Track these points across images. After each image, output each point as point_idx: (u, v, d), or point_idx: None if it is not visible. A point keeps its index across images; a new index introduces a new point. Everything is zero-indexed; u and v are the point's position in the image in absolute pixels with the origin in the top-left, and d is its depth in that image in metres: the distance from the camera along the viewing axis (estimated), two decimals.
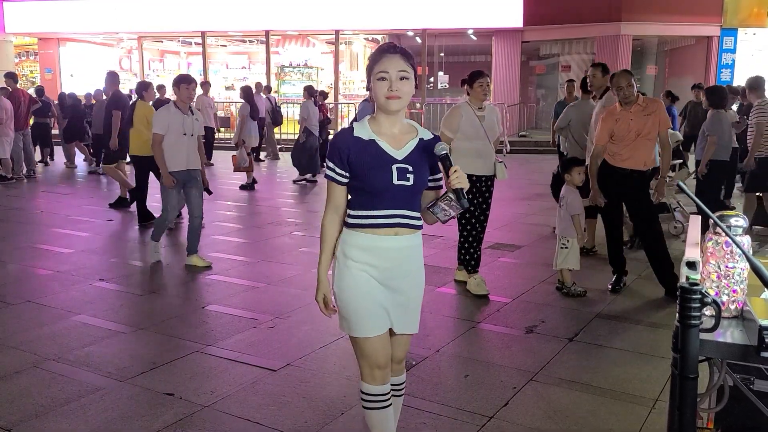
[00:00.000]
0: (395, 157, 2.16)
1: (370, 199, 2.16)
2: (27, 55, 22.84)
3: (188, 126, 5.52)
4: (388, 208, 2.16)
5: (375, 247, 2.18)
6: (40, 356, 3.69)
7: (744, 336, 1.21)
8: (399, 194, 2.15)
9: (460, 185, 2.05)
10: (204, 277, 5.33)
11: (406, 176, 2.14)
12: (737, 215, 1.31)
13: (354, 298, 2.20)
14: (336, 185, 2.22)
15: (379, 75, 2.12)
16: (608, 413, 3.07)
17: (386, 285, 2.22)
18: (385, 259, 2.19)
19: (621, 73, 4.78)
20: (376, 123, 2.22)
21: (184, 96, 5.51)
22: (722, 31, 16.63)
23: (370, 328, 2.22)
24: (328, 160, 2.21)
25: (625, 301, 4.76)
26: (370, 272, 2.20)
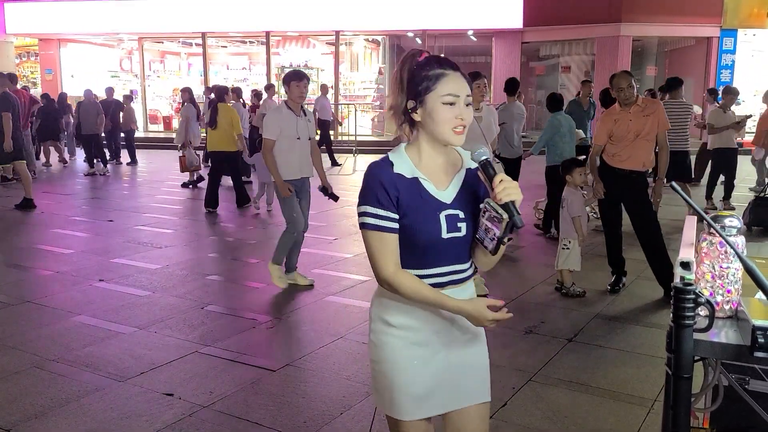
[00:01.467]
0: (443, 201, 1.70)
1: (413, 256, 1.70)
2: (28, 56, 22.86)
3: (302, 129, 4.95)
4: (435, 266, 1.72)
5: (419, 309, 1.74)
6: (40, 356, 3.70)
7: (738, 336, 1.21)
8: (448, 249, 1.71)
9: (510, 197, 1.57)
10: (203, 277, 5.34)
11: (457, 226, 1.69)
12: (731, 216, 1.32)
13: (393, 373, 1.76)
14: (386, 235, 1.67)
15: (445, 98, 1.65)
16: (607, 413, 3.08)
17: (439, 351, 1.77)
18: (431, 320, 1.75)
19: (621, 74, 4.80)
20: (416, 152, 1.73)
21: (295, 95, 4.86)
22: (722, 32, 16.64)
23: (410, 410, 1.77)
24: (367, 206, 1.67)
25: (624, 302, 4.77)
26: (415, 339, 1.75)
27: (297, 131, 4.92)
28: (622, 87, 4.68)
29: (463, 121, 1.66)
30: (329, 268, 5.73)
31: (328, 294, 4.95)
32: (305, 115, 5.02)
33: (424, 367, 1.75)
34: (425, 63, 1.70)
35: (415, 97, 1.68)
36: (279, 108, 5.04)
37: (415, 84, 1.68)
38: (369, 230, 1.68)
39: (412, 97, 1.69)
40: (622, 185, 4.84)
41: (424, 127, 1.69)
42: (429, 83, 1.66)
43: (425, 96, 1.67)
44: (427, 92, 1.66)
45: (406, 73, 1.71)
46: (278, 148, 4.88)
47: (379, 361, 1.79)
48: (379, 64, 21.32)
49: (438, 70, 1.68)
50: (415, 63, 1.71)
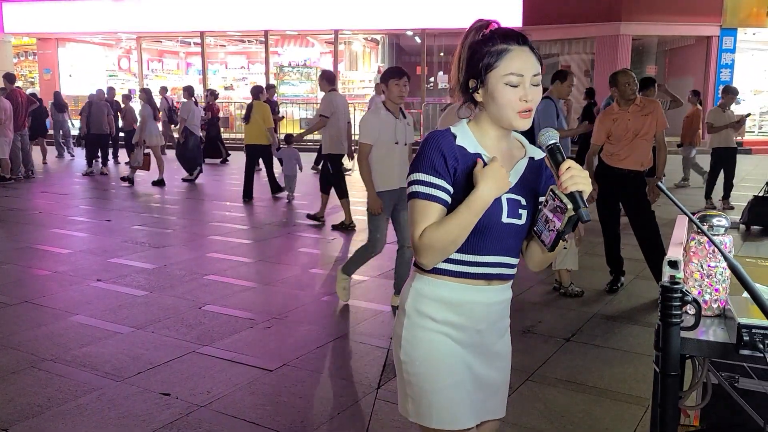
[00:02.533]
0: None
1: (469, 239, 1.52)
2: (26, 56, 22.88)
3: (400, 133, 4.42)
4: (489, 254, 1.55)
5: (464, 301, 1.57)
6: (38, 356, 3.70)
7: (725, 334, 1.22)
8: (506, 236, 1.56)
9: (576, 187, 1.41)
10: (201, 277, 5.35)
11: (518, 212, 1.56)
12: (719, 215, 1.32)
13: (434, 375, 1.57)
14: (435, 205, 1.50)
15: (509, 78, 1.49)
16: (604, 413, 3.08)
17: (479, 355, 1.62)
18: (477, 318, 1.59)
19: (625, 71, 4.86)
20: (480, 132, 1.58)
21: (394, 94, 4.35)
22: (722, 31, 16.65)
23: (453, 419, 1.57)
24: (419, 173, 1.52)
25: (622, 302, 4.77)
26: (458, 338, 1.58)
27: (396, 135, 4.40)
28: (629, 82, 4.74)
29: (529, 103, 1.50)
30: (327, 268, 5.73)
31: (326, 293, 4.95)
32: (404, 117, 4.52)
33: (468, 370, 1.59)
34: (489, 37, 1.55)
35: (476, 76, 1.53)
36: (377, 109, 4.48)
37: (476, 60, 1.53)
38: (419, 200, 1.50)
39: (474, 75, 1.53)
40: (621, 185, 4.85)
41: (487, 109, 1.55)
42: (491, 60, 1.50)
43: (486, 75, 1.51)
44: (489, 70, 1.50)
45: (466, 48, 1.57)
46: (375, 155, 4.37)
47: (413, 361, 1.57)
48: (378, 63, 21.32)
49: (501, 45, 1.51)
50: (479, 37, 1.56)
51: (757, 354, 1.13)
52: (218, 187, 10.90)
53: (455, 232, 1.46)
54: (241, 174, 9.63)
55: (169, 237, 6.93)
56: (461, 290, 1.56)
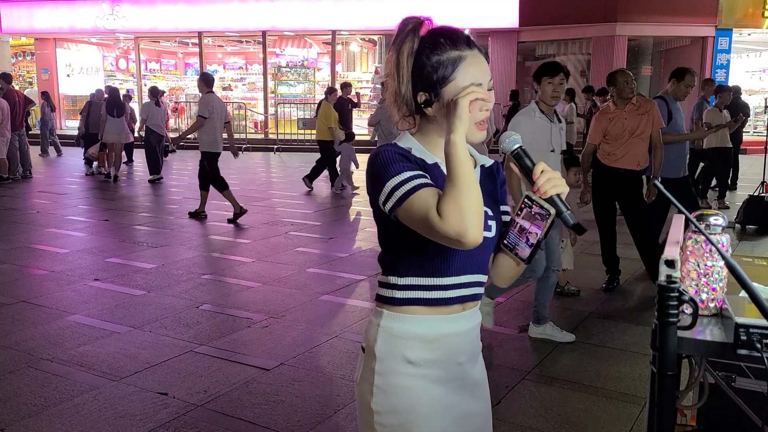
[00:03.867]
0: None
1: (434, 260, 1.37)
2: (23, 56, 22.82)
3: (556, 139, 3.88)
4: (463, 273, 1.39)
5: (441, 335, 1.39)
6: (34, 356, 3.70)
7: (722, 333, 1.23)
8: (477, 252, 1.35)
9: (555, 190, 1.28)
10: (199, 276, 5.34)
11: (487, 224, 1.37)
12: (716, 214, 1.33)
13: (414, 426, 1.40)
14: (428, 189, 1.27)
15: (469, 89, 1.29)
16: (600, 412, 3.09)
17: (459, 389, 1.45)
18: (456, 350, 1.42)
19: (623, 71, 4.91)
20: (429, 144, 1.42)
21: (547, 94, 3.79)
22: (717, 31, 16.70)
23: None
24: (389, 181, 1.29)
25: (618, 301, 4.79)
26: (437, 376, 1.41)
27: (551, 141, 3.83)
28: (627, 80, 4.77)
29: (487, 112, 1.35)
30: (324, 267, 5.74)
31: (323, 293, 4.95)
32: (559, 121, 3.94)
33: (448, 413, 1.41)
34: (435, 43, 1.36)
35: (428, 90, 1.34)
36: (529, 110, 3.87)
37: (427, 72, 1.34)
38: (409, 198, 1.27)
39: (424, 88, 1.35)
40: (617, 184, 4.86)
41: (440, 122, 1.36)
42: (445, 72, 1.33)
43: (442, 89, 1.33)
44: (444, 84, 1.33)
45: (406, 55, 1.37)
46: None
47: (390, 411, 1.39)
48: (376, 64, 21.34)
49: (453, 53, 1.34)
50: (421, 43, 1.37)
51: (755, 353, 1.13)
52: None
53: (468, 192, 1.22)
54: None
55: (167, 236, 6.92)
56: (435, 322, 1.39)
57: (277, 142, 17.27)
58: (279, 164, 14.66)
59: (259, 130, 19.77)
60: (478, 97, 1.28)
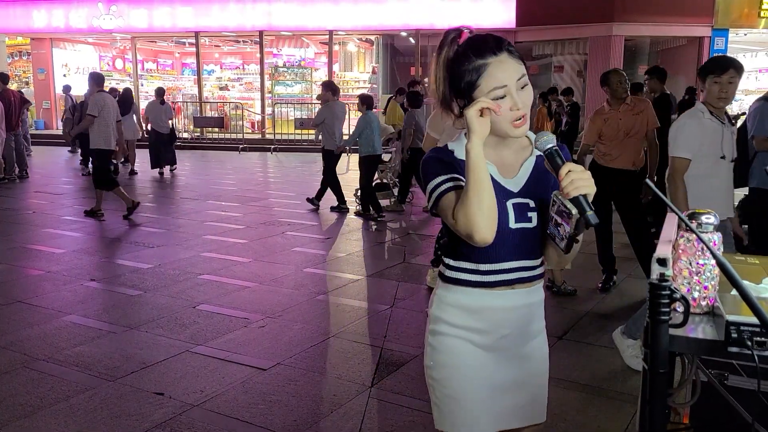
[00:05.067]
0: (510, 189, 1.54)
1: (480, 249, 1.51)
2: (20, 56, 22.76)
3: (727, 143, 3.37)
4: (503, 261, 1.54)
5: (484, 308, 1.57)
6: (30, 356, 3.69)
7: (714, 331, 1.23)
8: (518, 241, 1.54)
9: (579, 191, 1.37)
10: (196, 276, 5.34)
11: (526, 215, 1.53)
12: (708, 213, 1.34)
13: (456, 381, 1.57)
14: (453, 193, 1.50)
15: (493, 93, 1.46)
16: (596, 411, 3.09)
17: (501, 359, 1.60)
18: (497, 322, 1.58)
19: (617, 71, 4.91)
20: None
21: (713, 95, 3.30)
22: (713, 31, 16.73)
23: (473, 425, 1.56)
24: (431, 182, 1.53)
25: (614, 300, 4.80)
26: (477, 341, 1.58)
27: (722, 147, 3.34)
28: (621, 81, 4.79)
29: (521, 110, 1.47)
30: (321, 267, 5.74)
31: (320, 293, 4.95)
32: (731, 123, 3.48)
33: (490, 376, 1.57)
34: (463, 54, 1.50)
35: (462, 96, 1.51)
36: (695, 112, 3.39)
37: (458, 81, 1.50)
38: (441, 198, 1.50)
39: (459, 95, 1.52)
40: (613, 184, 4.87)
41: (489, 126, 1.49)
42: (471, 79, 1.48)
43: (471, 94, 1.49)
44: (473, 90, 1.48)
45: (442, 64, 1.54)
46: (693, 173, 3.35)
47: (436, 366, 1.59)
48: (373, 64, 21.33)
49: (478, 62, 1.47)
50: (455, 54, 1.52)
51: (745, 351, 1.14)
52: (213, 187, 10.87)
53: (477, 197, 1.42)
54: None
55: (163, 236, 6.91)
56: (480, 296, 1.56)
57: (274, 142, 17.25)
58: (276, 164, 14.65)
59: (256, 130, 19.76)
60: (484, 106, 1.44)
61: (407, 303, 4.69)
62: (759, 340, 1.13)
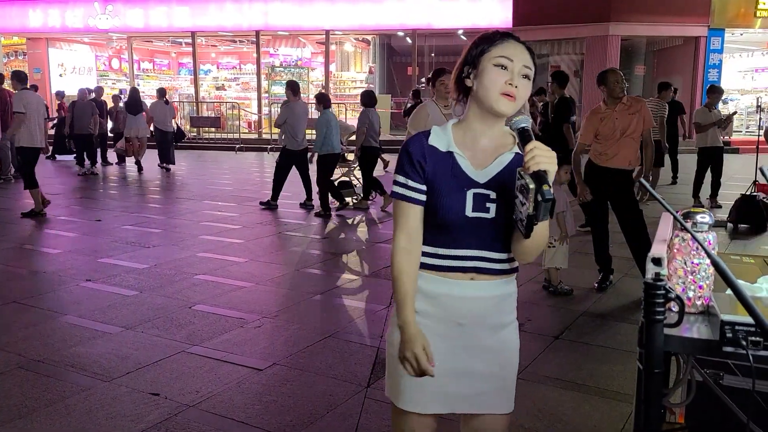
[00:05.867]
0: (475, 180, 1.60)
1: (438, 233, 1.62)
2: (15, 55, 22.69)
3: None
4: (459, 247, 1.61)
5: (441, 294, 1.63)
6: (26, 357, 3.68)
7: (709, 331, 1.23)
8: (475, 230, 1.60)
9: (538, 166, 1.42)
10: (192, 277, 5.33)
11: (485, 206, 1.59)
12: (703, 212, 1.34)
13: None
14: (410, 205, 1.62)
15: (498, 60, 1.56)
16: (593, 410, 3.09)
17: (457, 347, 1.65)
18: (455, 311, 1.64)
19: (614, 71, 4.91)
20: (462, 130, 1.65)
21: None
22: (710, 31, 16.77)
23: (416, 402, 1.68)
24: (397, 174, 1.65)
25: (610, 300, 4.80)
26: (433, 327, 1.64)
27: None
28: (618, 80, 4.77)
29: (515, 89, 1.55)
30: (317, 267, 5.73)
31: (316, 293, 4.95)
32: None
33: (439, 360, 1.61)
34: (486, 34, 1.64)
35: (470, 63, 1.62)
36: None
37: (471, 51, 1.62)
38: (395, 198, 1.65)
39: (467, 63, 1.63)
40: (609, 184, 4.87)
41: (475, 95, 1.61)
42: (485, 46, 1.60)
43: (479, 59, 1.59)
44: (482, 55, 1.59)
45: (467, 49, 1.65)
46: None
47: (394, 343, 1.67)
48: (370, 63, 21.34)
49: (497, 37, 1.61)
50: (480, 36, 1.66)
51: (740, 351, 1.14)
52: (209, 187, 10.85)
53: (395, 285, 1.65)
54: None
55: (160, 237, 6.89)
56: (438, 283, 1.64)
57: (270, 141, 17.23)
58: (273, 164, 14.61)
59: (253, 130, 19.74)
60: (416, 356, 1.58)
61: None
62: (754, 339, 1.13)
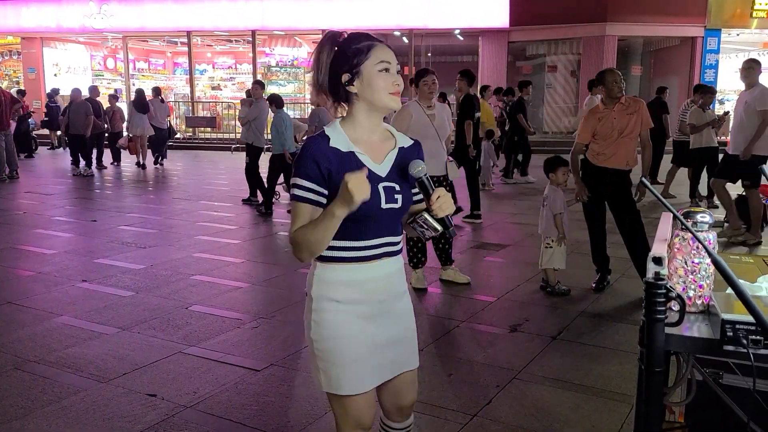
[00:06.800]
0: (379, 174, 1.76)
1: (355, 228, 1.74)
2: (10, 55, 22.61)
3: None
4: (374, 237, 1.79)
5: (361, 280, 1.80)
6: (21, 358, 3.66)
7: (709, 330, 1.23)
8: (385, 220, 1.79)
9: (443, 213, 1.69)
10: (188, 277, 5.31)
11: (394, 197, 1.76)
12: (703, 212, 1.33)
13: (339, 350, 1.80)
14: (308, 206, 1.74)
15: (381, 65, 1.73)
16: (590, 410, 3.09)
17: (379, 322, 1.84)
18: (374, 291, 1.82)
19: (612, 71, 4.90)
20: (353, 128, 1.80)
21: None
22: (706, 31, 16.82)
23: (358, 384, 1.82)
24: (297, 178, 1.74)
25: (608, 300, 4.80)
26: (360, 312, 1.81)
27: None
28: (616, 80, 4.77)
29: (399, 86, 1.76)
30: None
31: None
32: None
33: (369, 340, 1.81)
34: (352, 38, 1.80)
35: (350, 70, 1.75)
36: None
37: (347, 58, 1.75)
38: (295, 201, 1.76)
39: (347, 70, 1.75)
40: (606, 184, 4.87)
41: (362, 98, 1.76)
42: (361, 54, 1.74)
43: (360, 66, 1.74)
44: (362, 63, 1.74)
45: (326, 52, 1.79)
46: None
47: (322, 339, 1.81)
48: None
49: (367, 42, 1.77)
50: (340, 41, 1.80)
51: (741, 350, 1.14)
52: (205, 187, 10.83)
53: (320, 234, 1.69)
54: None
55: (156, 237, 6.87)
56: (358, 271, 1.79)
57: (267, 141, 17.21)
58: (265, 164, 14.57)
59: None
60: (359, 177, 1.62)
61: None
62: (754, 338, 1.13)
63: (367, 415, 1.88)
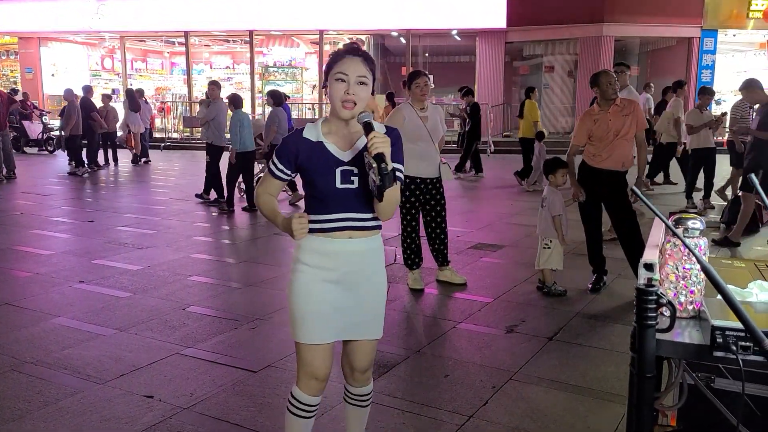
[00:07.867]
0: (341, 159, 2.09)
1: (320, 204, 2.13)
2: (7, 55, 22.56)
3: None
4: (333, 212, 2.11)
5: (329, 251, 2.13)
6: (18, 359, 3.66)
7: (700, 336, 1.24)
8: (344, 198, 2.10)
9: (377, 150, 1.92)
10: (185, 278, 5.32)
11: (350, 179, 2.08)
12: (695, 218, 1.34)
13: (302, 302, 2.15)
14: (273, 178, 2.22)
15: (337, 75, 2.04)
16: (586, 411, 3.11)
17: (342, 288, 2.15)
18: (342, 262, 2.14)
19: (606, 72, 4.91)
20: (327, 123, 2.17)
21: None
22: (702, 32, 16.86)
23: (313, 335, 2.15)
24: (275, 156, 2.17)
25: (604, 301, 4.81)
26: (325, 276, 2.14)
27: None
28: (611, 82, 4.78)
29: (352, 96, 2.03)
30: None
31: None
32: None
33: (329, 301, 2.13)
34: (336, 51, 2.13)
35: (325, 77, 2.12)
36: None
37: (326, 68, 2.12)
38: (268, 170, 2.22)
39: (325, 77, 2.13)
40: (602, 185, 4.89)
41: (329, 101, 2.11)
42: (330, 65, 2.09)
43: (328, 75, 2.09)
44: (328, 72, 2.09)
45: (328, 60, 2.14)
46: None
47: (291, 293, 2.18)
48: None
49: (338, 55, 2.09)
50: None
51: (730, 356, 1.15)
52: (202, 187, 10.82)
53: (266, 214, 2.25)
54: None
55: (153, 238, 6.87)
56: (326, 242, 2.13)
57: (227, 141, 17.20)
58: None
59: None
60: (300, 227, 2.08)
61: (396, 305, 4.69)
62: (744, 344, 1.14)
63: (321, 367, 2.20)
